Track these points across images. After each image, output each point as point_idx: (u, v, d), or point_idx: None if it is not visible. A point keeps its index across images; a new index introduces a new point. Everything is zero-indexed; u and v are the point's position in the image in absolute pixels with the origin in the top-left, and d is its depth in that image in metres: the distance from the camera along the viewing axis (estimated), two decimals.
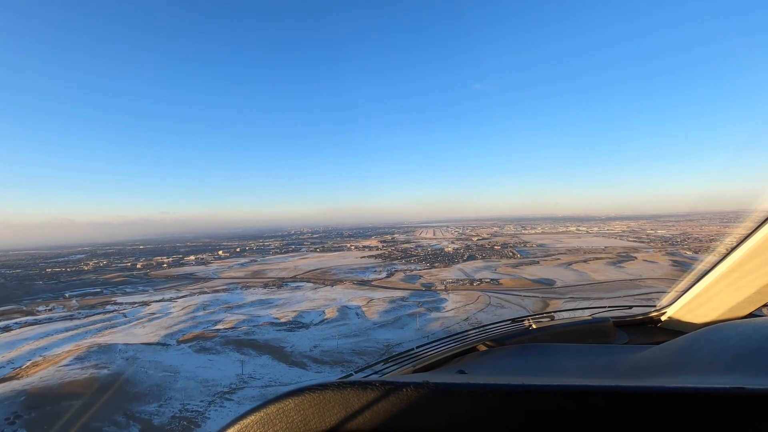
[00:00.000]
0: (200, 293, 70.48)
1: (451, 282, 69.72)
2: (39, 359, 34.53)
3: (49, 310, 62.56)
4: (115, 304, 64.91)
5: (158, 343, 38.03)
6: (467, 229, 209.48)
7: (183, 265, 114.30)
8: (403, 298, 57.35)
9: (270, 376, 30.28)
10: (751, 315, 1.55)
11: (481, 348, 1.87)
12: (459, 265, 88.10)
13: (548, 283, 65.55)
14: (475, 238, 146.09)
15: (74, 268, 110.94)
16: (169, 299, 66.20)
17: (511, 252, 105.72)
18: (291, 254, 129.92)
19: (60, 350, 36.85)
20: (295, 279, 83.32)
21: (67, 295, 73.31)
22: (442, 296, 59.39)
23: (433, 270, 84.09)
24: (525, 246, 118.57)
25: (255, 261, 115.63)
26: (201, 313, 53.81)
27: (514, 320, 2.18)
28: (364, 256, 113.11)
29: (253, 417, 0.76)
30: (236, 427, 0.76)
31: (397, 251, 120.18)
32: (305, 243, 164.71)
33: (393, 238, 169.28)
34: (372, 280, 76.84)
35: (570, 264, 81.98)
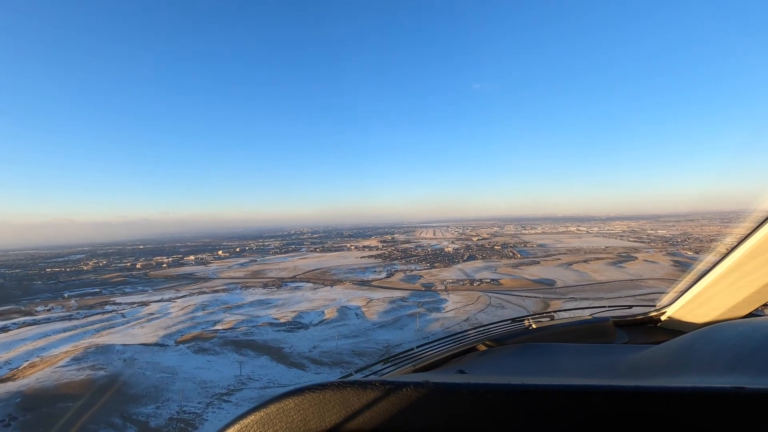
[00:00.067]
0: (199, 293, 70.26)
1: (452, 282, 69.48)
2: (36, 360, 34.31)
3: (48, 310, 62.35)
4: (114, 304, 64.70)
5: (156, 344, 37.80)
6: (467, 229, 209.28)
7: (182, 265, 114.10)
8: (403, 299, 57.11)
9: (269, 377, 30.05)
10: (750, 315, 1.56)
11: (481, 348, 1.87)
12: (459, 265, 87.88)
13: (549, 284, 65.32)
14: (475, 238, 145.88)
15: (73, 268, 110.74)
16: (168, 299, 65.97)
17: (512, 252, 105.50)
18: (291, 254, 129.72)
19: (58, 351, 36.63)
20: (294, 279, 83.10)
21: (66, 295, 73.10)
22: (442, 296, 59.16)
23: (433, 270, 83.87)
24: (525, 246, 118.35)
25: (255, 261, 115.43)
26: (200, 313, 53.59)
27: (514, 320, 2.20)
28: (364, 256, 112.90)
29: (253, 417, 0.76)
30: (236, 426, 0.76)
31: (397, 251, 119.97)
32: (305, 243, 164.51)
33: (393, 238, 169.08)
34: (372, 281, 76.61)
35: (570, 264, 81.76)
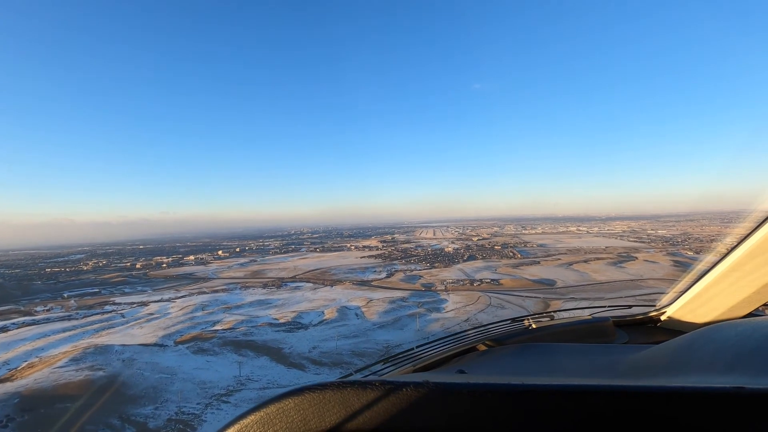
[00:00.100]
0: (199, 293, 70.16)
1: (452, 282, 69.36)
2: (35, 360, 34.20)
3: (47, 310, 62.25)
4: (114, 304, 64.59)
5: (155, 344, 37.69)
6: (467, 229, 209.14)
7: (182, 265, 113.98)
8: (403, 299, 56.99)
9: (268, 377, 29.94)
10: (750, 314, 1.56)
11: (481, 348, 1.86)
12: (459, 266, 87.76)
13: (549, 284, 65.20)
14: (476, 238, 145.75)
15: (73, 268, 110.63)
16: (168, 299, 65.87)
17: (512, 252, 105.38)
18: (291, 254, 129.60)
19: (56, 351, 36.52)
20: (294, 279, 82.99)
21: (65, 295, 73.00)
22: (442, 297, 59.04)
23: (433, 270, 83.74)
24: (525, 246, 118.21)
25: (254, 261, 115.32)
26: (199, 313, 53.48)
27: (513, 320, 2.20)
28: (363, 256, 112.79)
29: (253, 417, 0.75)
30: (236, 426, 0.76)
31: (397, 251, 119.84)
32: (305, 243, 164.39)
33: (393, 238, 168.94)
34: (372, 281, 76.49)
35: (571, 264, 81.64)
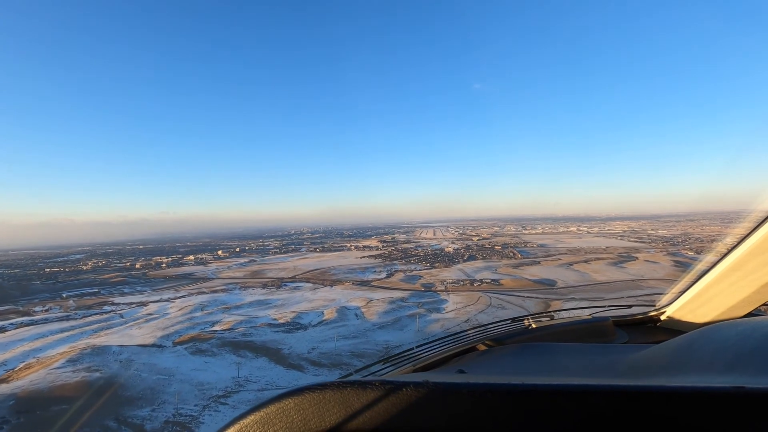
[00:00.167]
0: (198, 294, 69.97)
1: (452, 282, 69.15)
2: (32, 361, 33.98)
3: (46, 310, 62.06)
4: (113, 304, 64.41)
5: (154, 345, 37.46)
6: (467, 229, 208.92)
7: (182, 265, 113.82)
8: (402, 299, 56.78)
9: (267, 379, 29.72)
10: (750, 314, 1.56)
11: (481, 347, 1.86)
12: (459, 266, 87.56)
13: (549, 284, 65.00)
14: (476, 238, 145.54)
15: (73, 268, 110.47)
16: (167, 300, 65.68)
17: (512, 252, 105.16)
18: (290, 254, 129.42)
19: (54, 352, 36.30)
20: (294, 279, 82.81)
21: (64, 295, 72.81)
22: (442, 297, 58.84)
23: (434, 270, 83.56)
24: (525, 246, 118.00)
25: (254, 261, 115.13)
26: (198, 313, 53.28)
27: (513, 320, 2.19)
28: (363, 256, 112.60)
29: (252, 417, 0.75)
30: (236, 426, 0.76)
31: (397, 251, 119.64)
32: (305, 243, 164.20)
33: (393, 238, 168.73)
34: (372, 281, 76.30)
35: (571, 264, 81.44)
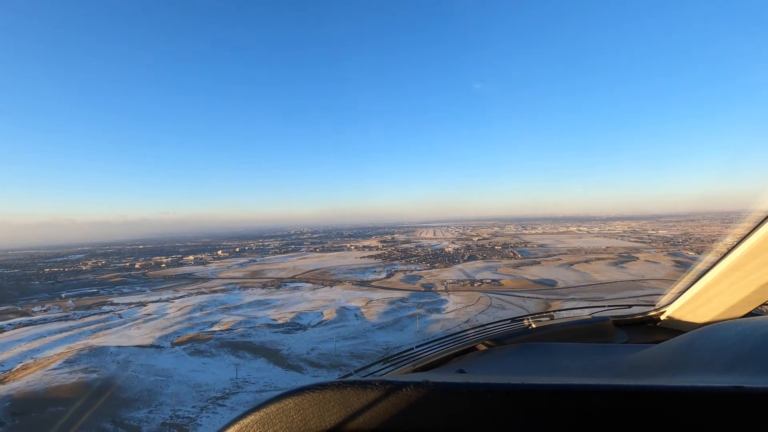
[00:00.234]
0: (198, 294, 69.77)
1: (452, 283, 68.95)
2: (29, 362, 33.77)
3: (45, 310, 61.85)
4: (112, 304, 64.21)
5: (152, 346, 37.24)
6: (467, 229, 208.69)
7: (182, 265, 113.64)
8: (402, 299, 56.56)
9: (265, 380, 29.51)
10: (750, 314, 1.56)
11: (481, 347, 1.86)
12: (459, 266, 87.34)
13: (550, 284, 64.78)
14: (476, 238, 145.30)
15: (72, 268, 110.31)
16: (166, 300, 65.47)
17: (512, 252, 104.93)
18: (290, 254, 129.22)
19: (51, 353, 36.09)
20: (294, 279, 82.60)
21: (63, 295, 72.62)
22: (442, 297, 58.63)
23: (434, 270, 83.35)
24: (526, 246, 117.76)
25: (254, 261, 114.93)
26: (197, 314, 53.06)
27: (513, 319, 2.18)
28: (363, 256, 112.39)
29: (252, 417, 0.75)
30: (236, 426, 0.76)
31: (397, 251, 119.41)
32: (305, 243, 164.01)
33: (393, 238, 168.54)
34: (371, 281, 76.09)
35: (571, 264, 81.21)
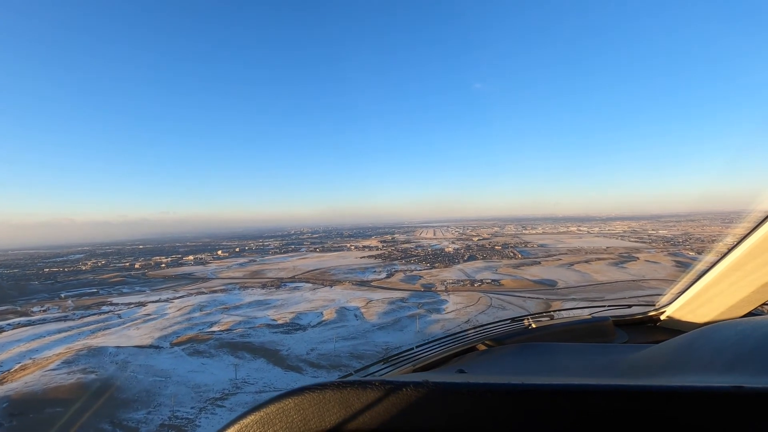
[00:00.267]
0: (198, 294, 69.66)
1: (452, 283, 68.84)
2: (28, 362, 33.65)
3: (44, 310, 61.74)
4: (111, 304, 64.11)
5: (151, 346, 37.11)
6: (468, 229, 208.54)
7: (181, 265, 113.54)
8: (402, 300, 56.44)
9: (264, 380, 29.38)
10: (750, 314, 1.55)
11: (481, 347, 1.86)
12: (459, 266, 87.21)
13: (550, 284, 64.66)
14: (476, 238, 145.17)
15: (72, 268, 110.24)
16: (166, 300, 65.37)
17: (512, 252, 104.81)
18: (290, 254, 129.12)
19: (50, 353, 35.97)
20: (293, 279, 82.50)
21: (62, 295, 72.52)
22: (442, 297, 58.52)
23: (434, 270, 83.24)
24: (526, 246, 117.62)
25: (254, 261, 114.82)
26: (197, 314, 52.94)
27: (513, 319, 2.18)
28: (363, 257, 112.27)
29: (252, 417, 0.75)
30: (236, 426, 0.76)
31: (397, 251, 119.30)
32: (305, 243, 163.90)
33: (393, 238, 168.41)
34: (371, 281, 75.99)
35: (572, 264, 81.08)
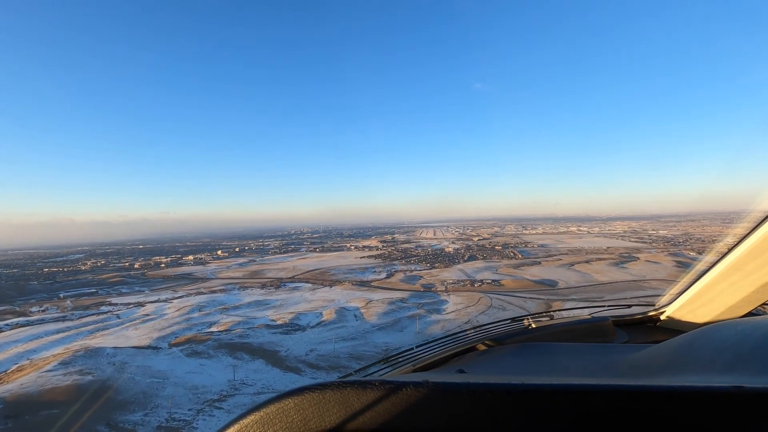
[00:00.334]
0: (197, 294, 69.47)
1: (452, 283, 68.64)
2: (25, 363, 33.45)
3: (43, 311, 61.57)
4: (110, 305, 63.94)
5: (149, 347, 36.91)
6: (468, 229, 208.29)
7: (181, 265, 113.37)
8: (402, 300, 56.24)
9: (263, 382, 29.16)
10: (750, 314, 1.55)
11: (481, 347, 1.86)
12: (460, 266, 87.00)
13: (550, 284, 64.45)
14: (476, 238, 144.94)
15: (71, 268, 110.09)
16: (165, 300, 65.19)
17: (512, 252, 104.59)
18: (290, 254, 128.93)
19: (48, 354, 35.78)
20: (293, 279, 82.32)
21: (61, 295, 72.34)
22: (442, 297, 58.32)
23: (434, 270, 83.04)
24: (526, 246, 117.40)
25: (254, 261, 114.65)
26: (196, 314, 52.74)
27: (513, 319, 2.18)
28: (363, 257, 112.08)
29: (252, 417, 0.75)
30: (236, 426, 0.76)
31: (397, 251, 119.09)
32: (305, 243, 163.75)
33: (393, 238, 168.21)
34: (371, 281, 75.79)
35: (572, 265, 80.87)
